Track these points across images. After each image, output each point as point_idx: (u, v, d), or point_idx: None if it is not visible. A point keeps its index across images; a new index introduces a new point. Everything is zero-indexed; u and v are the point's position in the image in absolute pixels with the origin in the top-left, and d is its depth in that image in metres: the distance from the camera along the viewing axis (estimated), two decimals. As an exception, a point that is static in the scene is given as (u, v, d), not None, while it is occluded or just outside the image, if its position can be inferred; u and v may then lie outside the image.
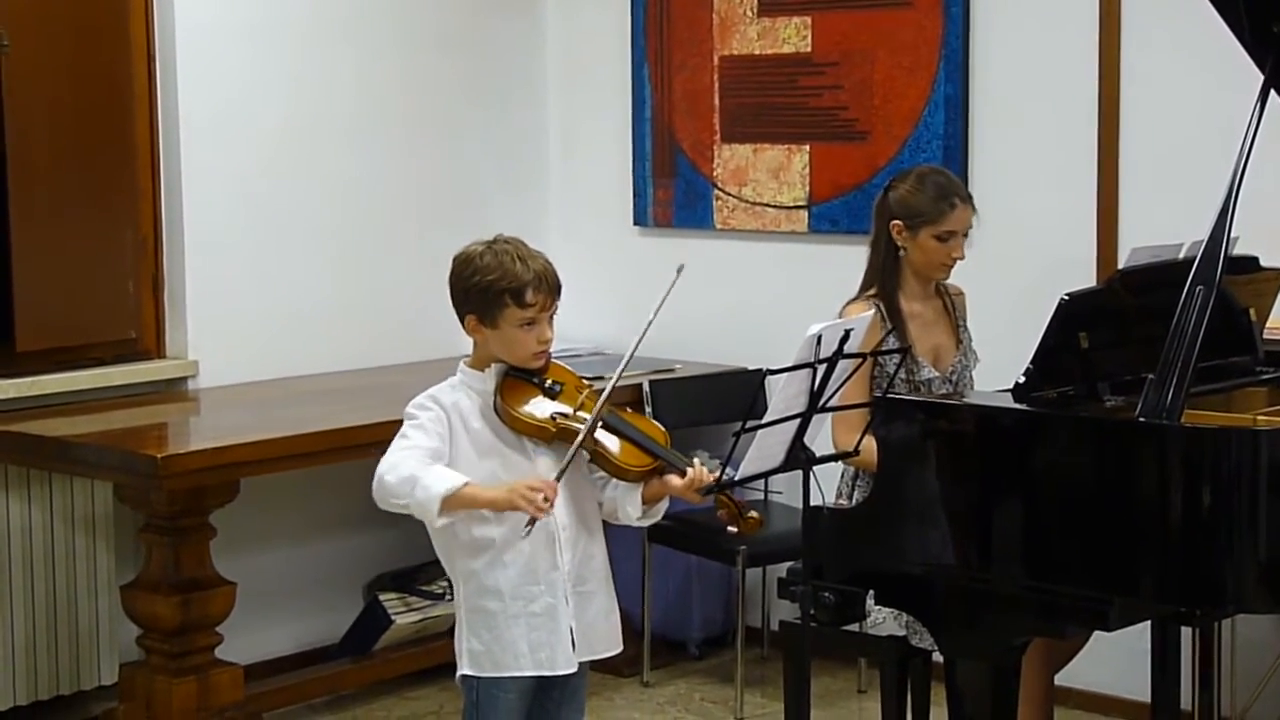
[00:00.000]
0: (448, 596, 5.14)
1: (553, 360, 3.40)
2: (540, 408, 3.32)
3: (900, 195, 4.13)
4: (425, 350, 5.36)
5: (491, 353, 3.35)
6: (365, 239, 5.52)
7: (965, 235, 4.15)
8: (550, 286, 3.33)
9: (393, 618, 5.17)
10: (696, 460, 3.37)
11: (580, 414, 3.31)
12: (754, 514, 3.38)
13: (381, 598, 5.23)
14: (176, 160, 5.05)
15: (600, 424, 3.32)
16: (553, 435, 3.31)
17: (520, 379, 3.35)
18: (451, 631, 3.47)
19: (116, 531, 4.89)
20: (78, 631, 4.83)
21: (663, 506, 3.42)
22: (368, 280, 5.52)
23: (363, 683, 5.18)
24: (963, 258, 4.14)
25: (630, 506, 3.37)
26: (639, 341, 3.29)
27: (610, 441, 3.33)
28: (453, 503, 3.18)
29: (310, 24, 5.35)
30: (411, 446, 3.26)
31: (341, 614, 5.32)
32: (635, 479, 3.35)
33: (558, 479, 3.21)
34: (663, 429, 3.43)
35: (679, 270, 3.28)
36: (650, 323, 3.27)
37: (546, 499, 3.16)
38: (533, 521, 3.18)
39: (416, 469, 3.20)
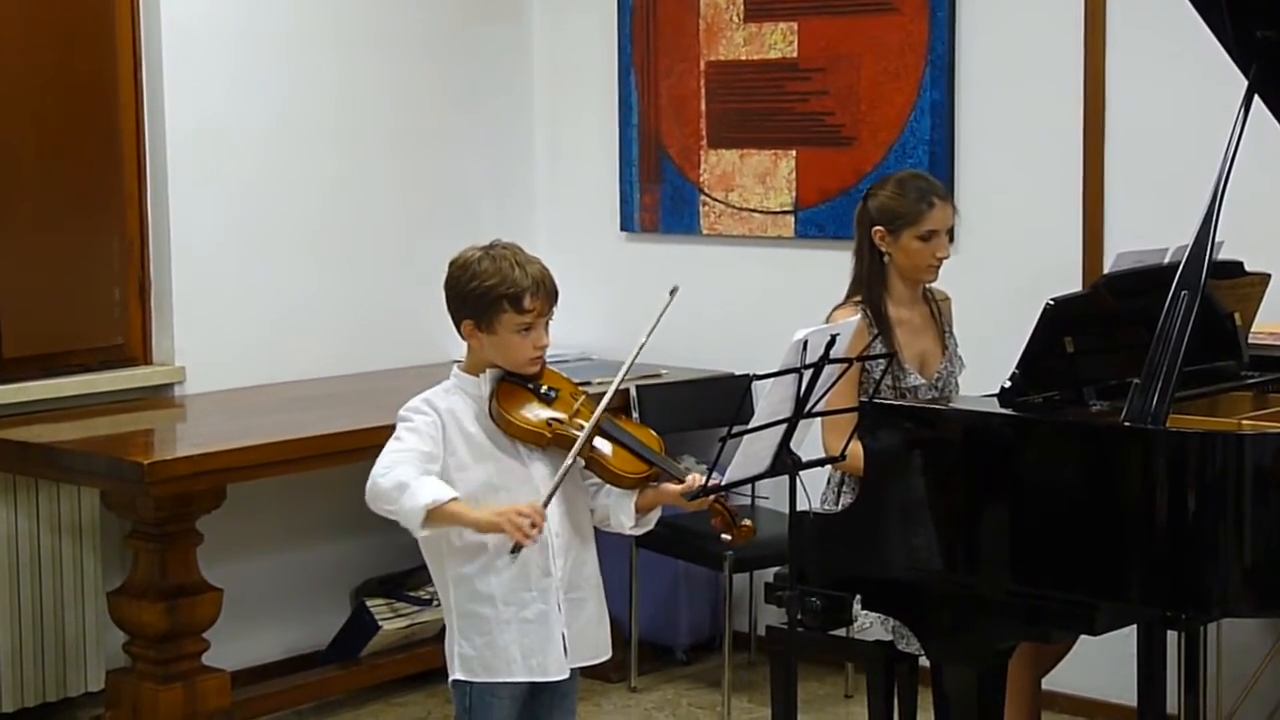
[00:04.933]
0: (435, 602, 5.13)
1: (546, 366, 3.41)
2: (536, 413, 3.33)
3: (879, 201, 4.14)
4: (412, 355, 5.37)
5: (486, 358, 3.36)
6: (352, 245, 5.52)
7: (949, 235, 4.16)
8: (548, 292, 3.34)
9: (380, 623, 5.17)
10: (689, 467, 3.38)
11: (576, 420, 3.32)
12: (748, 522, 3.39)
13: (369, 603, 5.23)
14: (163, 166, 5.04)
15: (597, 431, 3.33)
16: (549, 441, 3.32)
17: (516, 384, 3.36)
18: (439, 637, 3.47)
19: (103, 538, 4.88)
20: (64, 638, 4.82)
21: (655, 515, 3.43)
22: (354, 286, 5.51)
23: (350, 689, 5.17)
24: (948, 256, 4.15)
25: (624, 515, 3.38)
26: (634, 357, 3.32)
27: (606, 448, 3.34)
28: (436, 517, 3.17)
29: (296, 30, 5.35)
30: (405, 450, 3.25)
31: (328, 620, 5.32)
32: (631, 486, 3.36)
33: (545, 504, 3.20)
34: (657, 437, 3.43)
35: (673, 292, 3.29)
36: (643, 345, 3.31)
37: (534, 525, 3.14)
38: (518, 548, 3.18)
39: (409, 476, 3.19)
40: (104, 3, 4.97)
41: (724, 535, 3.40)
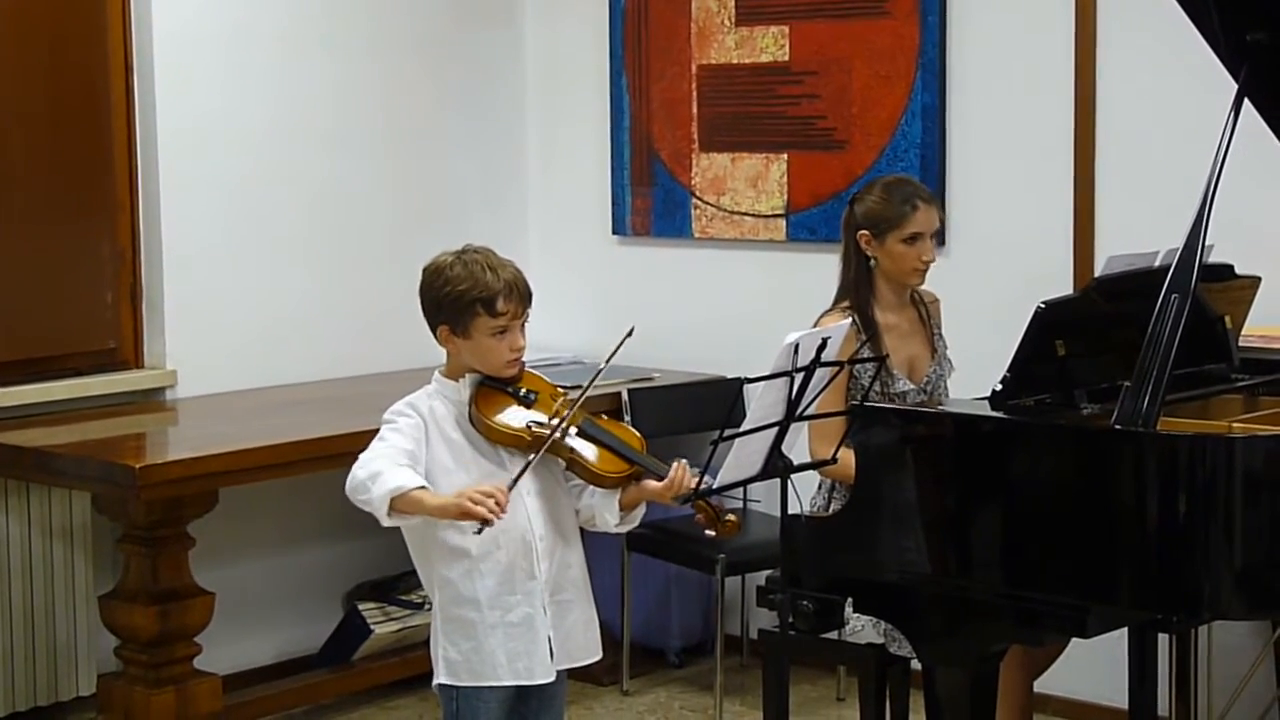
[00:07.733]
0: (427, 606, 5.10)
1: (526, 369, 3.41)
2: (515, 417, 3.33)
3: (864, 206, 4.15)
4: (404, 359, 5.36)
5: (465, 363, 3.36)
6: (344, 249, 5.52)
7: (934, 237, 4.16)
8: (521, 294, 3.34)
9: (372, 627, 5.17)
10: (677, 463, 3.37)
11: (555, 422, 3.32)
12: (731, 517, 3.40)
13: (360, 607, 5.23)
14: (154, 170, 5.04)
15: (576, 431, 3.33)
16: (529, 444, 3.31)
17: (495, 388, 3.36)
18: (430, 641, 3.47)
19: (94, 542, 4.88)
20: (55, 642, 4.81)
21: (640, 512, 3.43)
22: (346, 290, 5.51)
23: (342, 693, 5.17)
24: (933, 259, 4.15)
25: (608, 513, 3.38)
26: (588, 387, 3.35)
27: (586, 449, 3.34)
28: (400, 504, 3.16)
29: (288, 33, 5.35)
30: (388, 447, 3.26)
31: (320, 624, 5.31)
32: (612, 485, 3.36)
33: (510, 486, 3.17)
34: (639, 435, 3.43)
35: (629, 333, 3.32)
36: (598, 373, 3.36)
37: (498, 503, 3.10)
38: (484, 525, 3.11)
39: (383, 466, 3.19)
40: (95, 7, 4.97)
41: (708, 531, 3.41)
